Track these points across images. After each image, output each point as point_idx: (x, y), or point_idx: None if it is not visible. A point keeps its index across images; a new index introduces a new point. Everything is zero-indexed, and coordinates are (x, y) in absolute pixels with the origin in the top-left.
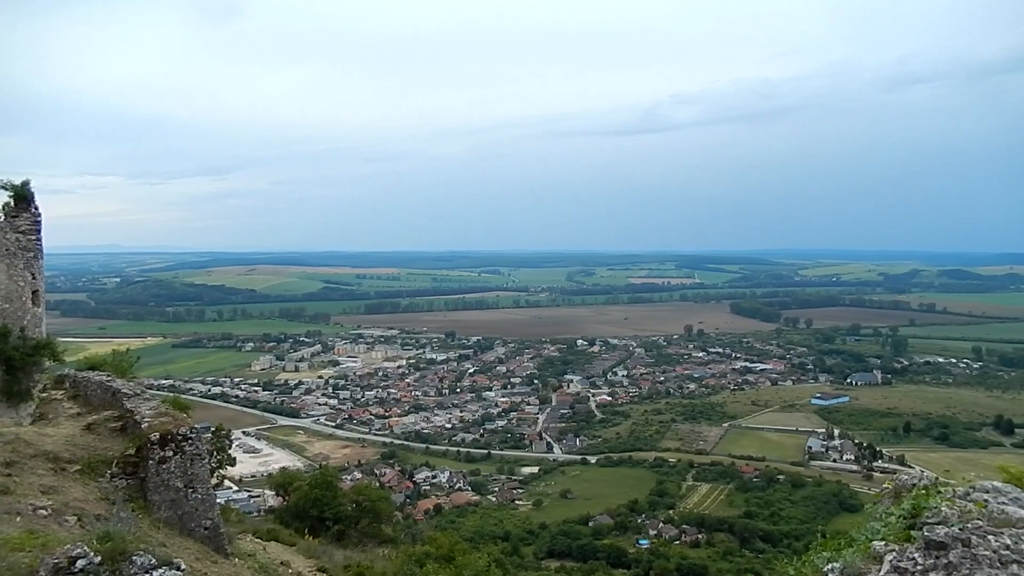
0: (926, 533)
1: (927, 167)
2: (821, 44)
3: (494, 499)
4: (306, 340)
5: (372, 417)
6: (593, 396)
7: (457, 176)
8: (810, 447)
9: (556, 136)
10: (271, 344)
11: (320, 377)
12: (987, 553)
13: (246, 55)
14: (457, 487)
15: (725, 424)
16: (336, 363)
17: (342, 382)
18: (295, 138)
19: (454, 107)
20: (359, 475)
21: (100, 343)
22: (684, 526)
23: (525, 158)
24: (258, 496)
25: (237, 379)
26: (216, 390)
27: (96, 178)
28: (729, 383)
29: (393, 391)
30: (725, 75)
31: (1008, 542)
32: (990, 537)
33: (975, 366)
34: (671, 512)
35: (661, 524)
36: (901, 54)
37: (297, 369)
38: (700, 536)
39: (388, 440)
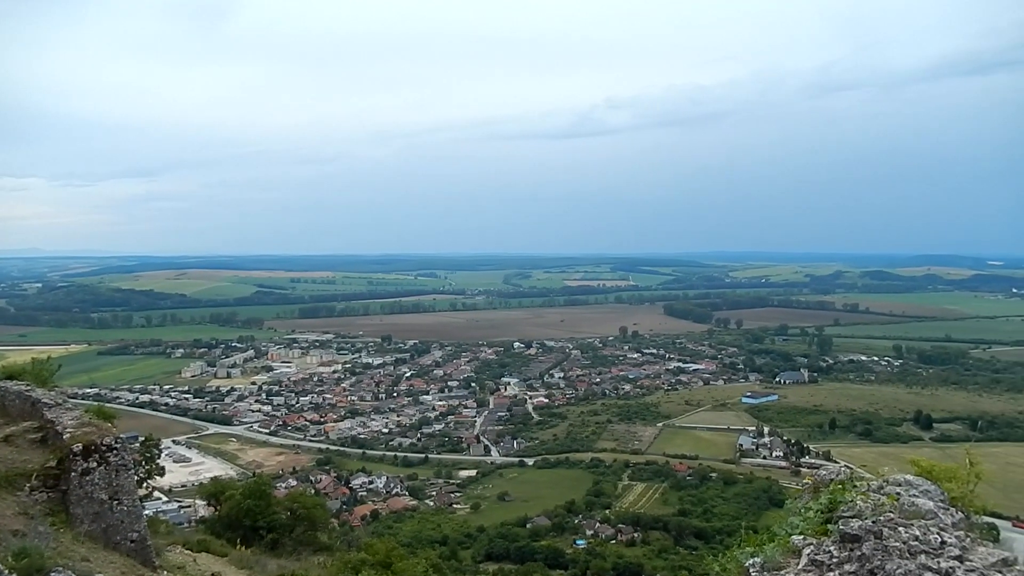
0: (841, 526)
1: (850, 172)
2: (750, 51)
3: (432, 503)
4: (238, 346)
5: (307, 423)
6: (530, 398)
7: (393, 179)
8: (741, 445)
9: (492, 139)
10: (202, 350)
11: (253, 383)
12: (897, 544)
13: (176, 54)
14: (394, 492)
15: (659, 424)
16: (270, 369)
17: (276, 388)
18: (226, 139)
19: (389, 109)
20: (294, 482)
21: (20, 351)
22: (620, 525)
23: (461, 161)
24: (189, 506)
25: (166, 386)
26: (144, 398)
27: (14, 180)
28: (663, 383)
29: (328, 396)
30: (658, 80)
31: (917, 533)
32: (900, 529)
33: (896, 364)
34: (607, 512)
35: (598, 524)
36: (823, 62)
37: (229, 375)
38: (636, 535)
39: (324, 446)
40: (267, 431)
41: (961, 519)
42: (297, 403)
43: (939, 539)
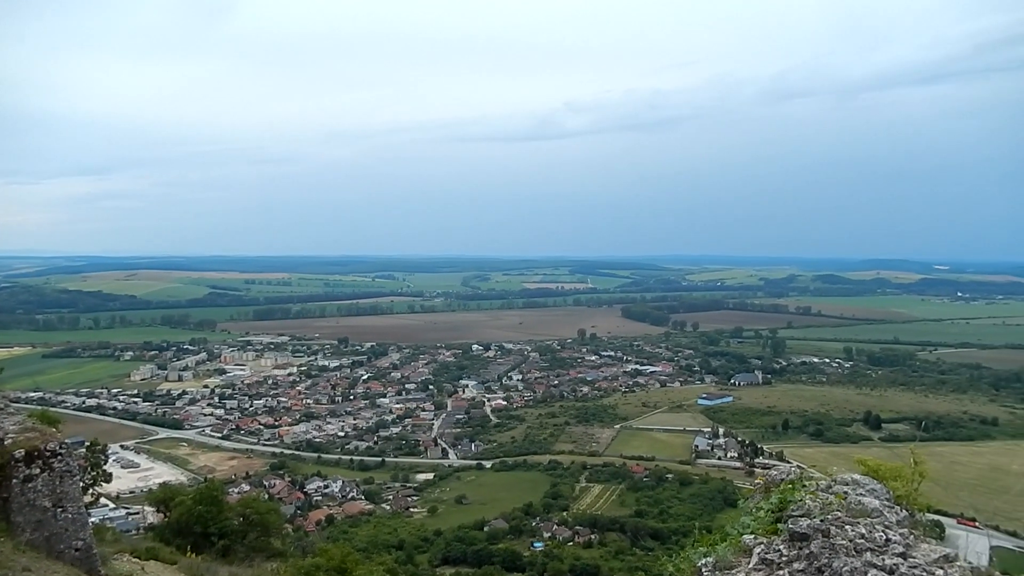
0: (791, 525)
1: (804, 178)
2: (708, 58)
3: (388, 507)
4: (190, 348)
5: (261, 427)
6: (488, 401)
7: (351, 180)
8: (697, 446)
9: (452, 141)
10: (152, 353)
11: (205, 386)
12: (844, 542)
13: (130, 49)
14: (350, 496)
15: (617, 425)
16: (223, 372)
17: (229, 391)
18: (181, 137)
19: (348, 109)
20: (247, 487)
21: None
22: (577, 527)
23: (421, 162)
24: (137, 513)
25: (115, 390)
26: (91, 402)
27: None
28: (620, 385)
29: (283, 399)
30: (618, 85)
31: (863, 531)
32: (847, 527)
33: (846, 365)
34: (565, 514)
35: (555, 526)
36: (780, 69)
37: (180, 379)
38: (593, 536)
39: (278, 450)
40: (219, 435)
41: (905, 517)
42: (251, 406)
43: (884, 537)
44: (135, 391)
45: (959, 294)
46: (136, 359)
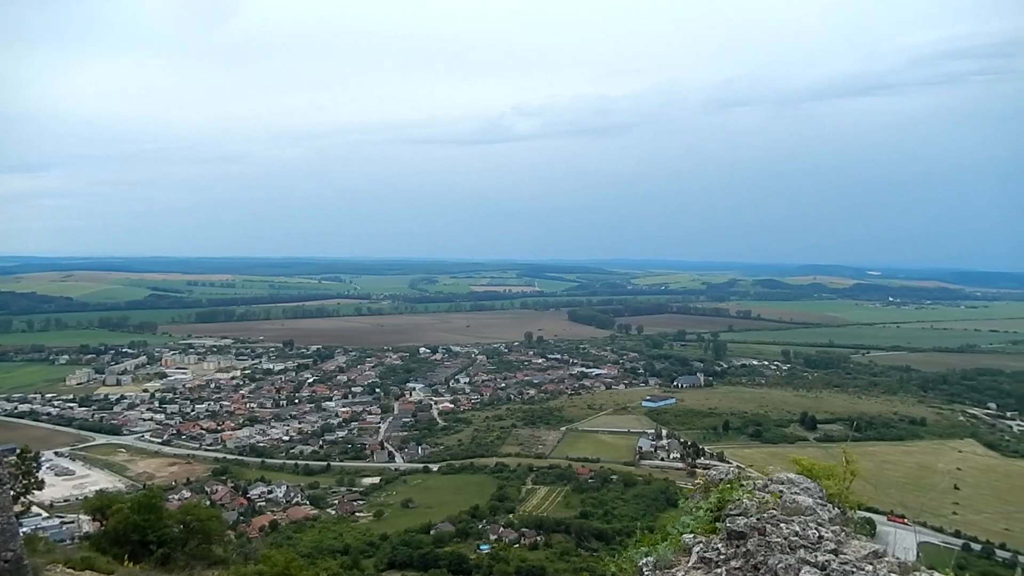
0: (728, 524)
1: (746, 185)
2: (655, 65)
3: (334, 512)
4: (130, 351)
5: (203, 431)
6: (435, 404)
7: (297, 181)
8: (640, 447)
9: (400, 143)
10: (89, 356)
11: (145, 391)
12: (779, 540)
13: (68, 42)
14: (295, 501)
15: (563, 428)
16: (163, 375)
17: (170, 395)
18: (121, 135)
19: (294, 109)
20: (188, 494)
21: None
22: (523, 529)
23: (368, 164)
24: (72, 522)
25: (49, 395)
26: (24, 407)
27: None
28: (567, 388)
29: (226, 403)
30: (566, 90)
31: (797, 529)
32: (782, 525)
33: (784, 368)
34: (511, 516)
35: (501, 528)
36: (724, 78)
37: (119, 383)
38: (539, 538)
39: (220, 455)
40: (160, 441)
41: (837, 514)
42: (192, 411)
43: (817, 534)
44: (71, 396)
45: (890, 299)
46: (72, 363)
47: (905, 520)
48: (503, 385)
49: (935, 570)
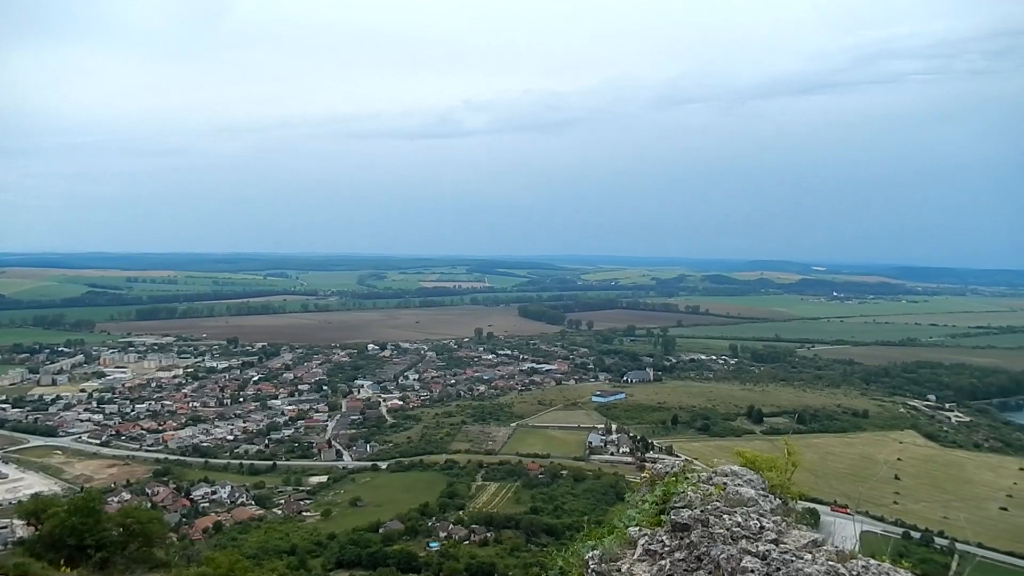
0: (673, 516)
1: (693, 182)
2: (604, 61)
3: (280, 512)
4: (66, 350)
5: (144, 432)
6: (384, 401)
7: (242, 175)
8: (590, 442)
9: (347, 137)
10: (23, 356)
11: (83, 391)
12: (722, 531)
13: None
14: (239, 502)
15: (513, 424)
16: (102, 375)
17: (109, 395)
18: (54, 127)
19: (237, 102)
20: (127, 496)
21: None
22: (473, 526)
23: (314, 158)
24: (5, 527)
25: None
26: None
27: None
28: (517, 384)
29: (168, 403)
30: (516, 85)
31: (739, 520)
32: (725, 516)
33: (732, 362)
34: (461, 513)
35: (451, 525)
36: (673, 75)
37: (55, 383)
38: (489, 534)
39: (162, 456)
40: (98, 442)
41: (779, 505)
42: (132, 411)
43: (759, 524)
44: (3, 397)
45: (835, 294)
46: (4, 363)
47: (847, 510)
48: (453, 382)
49: (872, 557)
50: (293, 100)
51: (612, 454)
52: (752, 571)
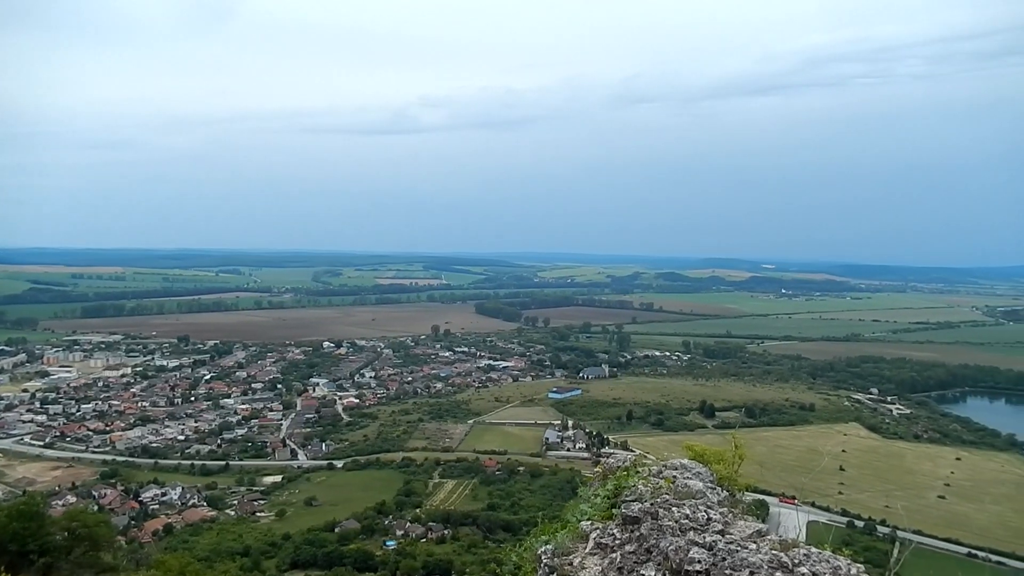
0: (623, 510)
1: (648, 180)
2: (561, 59)
3: (233, 513)
4: (7, 349)
5: (90, 433)
6: (340, 399)
7: (192, 169)
8: (547, 438)
9: (302, 132)
10: None
11: (25, 391)
12: (671, 523)
13: None
14: (191, 503)
15: (470, 421)
16: (45, 374)
17: (53, 395)
18: None
19: (189, 95)
20: (72, 499)
21: None
22: (430, 524)
23: (268, 153)
24: None
25: None
26: None
27: None
28: (474, 381)
29: (116, 403)
30: (472, 82)
31: (687, 512)
32: (674, 509)
33: (685, 358)
34: (418, 511)
35: (408, 524)
36: (628, 74)
37: None
38: (446, 532)
39: (109, 457)
40: (41, 443)
41: (726, 497)
42: (78, 411)
43: (706, 516)
44: None
45: (783, 291)
46: None
47: (795, 501)
48: (409, 379)
49: (813, 546)
50: (246, 93)
51: (568, 450)
52: (699, 561)
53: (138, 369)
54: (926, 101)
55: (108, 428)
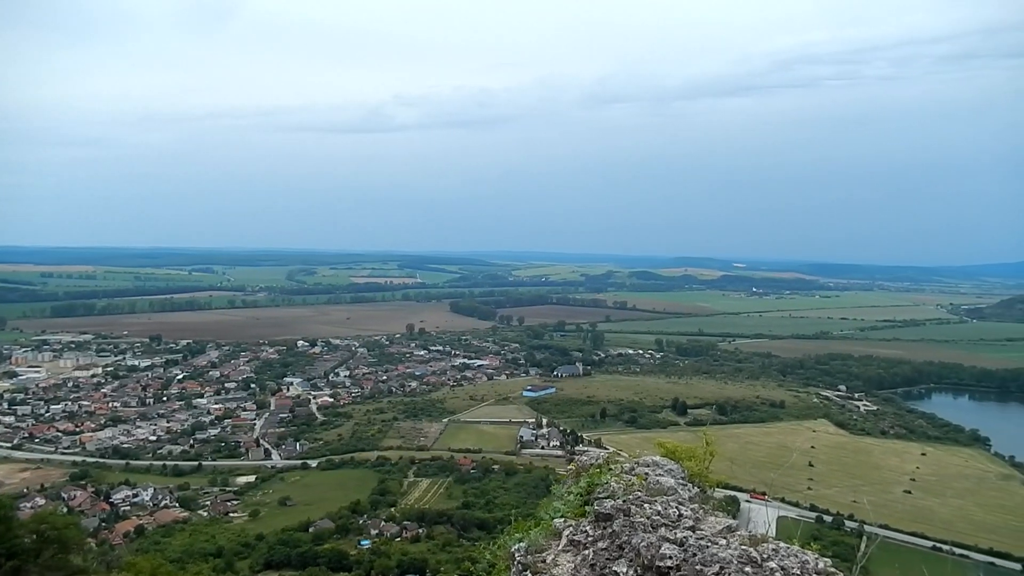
0: (596, 507)
1: (622, 179)
2: (535, 59)
3: (206, 514)
4: None
5: (59, 434)
6: (314, 398)
7: (165, 166)
8: (522, 436)
9: (276, 129)
10: None
11: None
12: (642, 520)
13: None
14: (163, 504)
15: (445, 419)
16: (13, 375)
17: (21, 396)
18: None
19: (163, 91)
20: (42, 501)
21: None
22: (405, 523)
23: (242, 150)
24: None
25: None
26: None
27: None
28: (449, 380)
29: (86, 403)
30: (447, 81)
31: (659, 508)
32: (646, 505)
33: (658, 356)
34: (393, 510)
35: (383, 523)
36: (601, 74)
37: None
38: (421, 531)
39: (79, 459)
40: (9, 445)
41: (697, 493)
42: (47, 412)
43: (677, 512)
44: None
45: (754, 290)
46: None
47: (765, 496)
48: (384, 378)
49: (782, 541)
50: (220, 90)
51: (543, 448)
52: (670, 557)
53: (109, 369)
54: (893, 103)
55: (78, 429)
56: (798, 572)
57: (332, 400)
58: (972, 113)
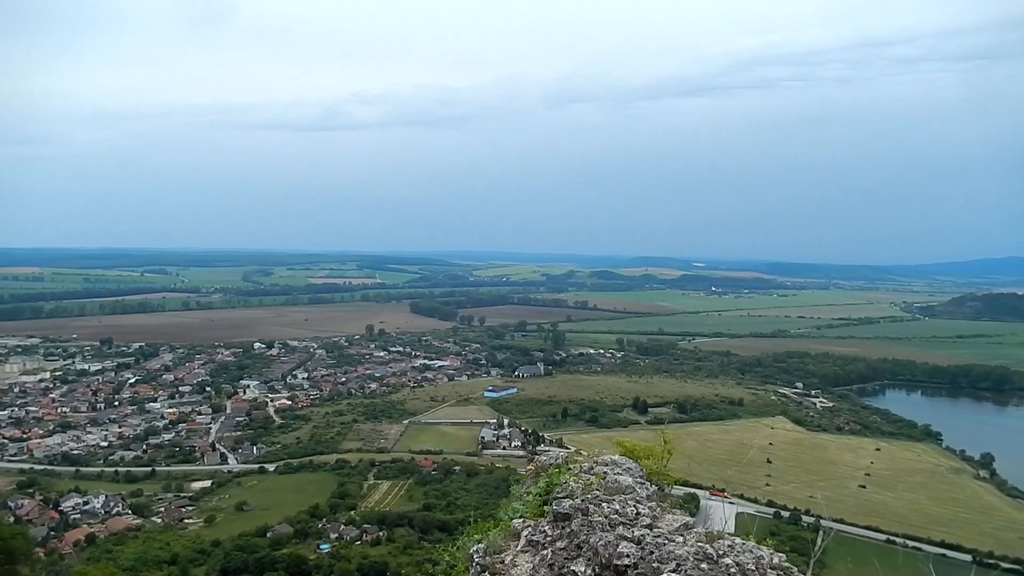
0: (555, 507)
1: (581, 178)
2: (497, 58)
3: (159, 520)
4: None
5: (5, 440)
6: (272, 401)
7: (115, 165)
8: (483, 437)
9: (231, 127)
10: None
11: None
12: (600, 519)
13: None
14: (115, 512)
15: (405, 421)
16: None
17: None
18: None
19: (114, 88)
20: None
21: None
22: (365, 525)
23: (196, 148)
24: None
25: None
26: None
27: None
28: (409, 381)
29: (33, 409)
30: (408, 79)
31: (617, 507)
32: (604, 504)
33: (618, 355)
34: (352, 513)
35: (342, 526)
36: (562, 74)
37: None
38: (381, 533)
39: (27, 466)
40: None
41: (655, 491)
42: None
43: (635, 511)
44: None
45: (713, 289)
46: None
47: (725, 493)
48: (343, 379)
49: (739, 537)
50: (174, 87)
51: (504, 448)
52: (627, 555)
53: (57, 373)
54: (849, 105)
55: (25, 435)
56: (753, 567)
57: (290, 403)
58: (925, 115)
